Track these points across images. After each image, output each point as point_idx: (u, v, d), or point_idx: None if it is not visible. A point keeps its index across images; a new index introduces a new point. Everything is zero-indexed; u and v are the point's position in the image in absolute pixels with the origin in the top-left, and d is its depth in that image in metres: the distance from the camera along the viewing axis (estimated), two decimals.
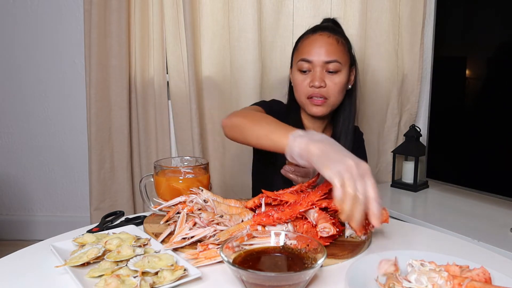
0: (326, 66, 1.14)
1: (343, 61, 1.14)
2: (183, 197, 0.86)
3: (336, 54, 1.13)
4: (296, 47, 1.22)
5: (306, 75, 1.16)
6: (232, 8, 1.84)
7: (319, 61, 1.13)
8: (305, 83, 1.15)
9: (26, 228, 2.31)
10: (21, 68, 2.18)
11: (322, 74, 1.14)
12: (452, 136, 1.61)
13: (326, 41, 1.14)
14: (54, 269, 0.67)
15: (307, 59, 1.14)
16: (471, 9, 1.54)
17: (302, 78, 1.16)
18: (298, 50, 1.19)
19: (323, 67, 1.14)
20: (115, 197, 2.00)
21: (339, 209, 0.65)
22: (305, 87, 1.16)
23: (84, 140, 2.09)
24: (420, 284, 0.56)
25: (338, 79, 1.14)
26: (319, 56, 1.13)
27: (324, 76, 1.14)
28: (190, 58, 1.81)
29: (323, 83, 1.13)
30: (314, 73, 1.14)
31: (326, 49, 1.13)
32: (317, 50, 1.13)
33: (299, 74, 1.17)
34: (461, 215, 1.47)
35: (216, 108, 1.94)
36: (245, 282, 0.58)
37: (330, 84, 1.14)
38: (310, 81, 1.14)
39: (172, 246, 0.74)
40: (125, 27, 1.86)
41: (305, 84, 1.15)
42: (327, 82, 1.14)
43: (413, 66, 1.85)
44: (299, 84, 1.17)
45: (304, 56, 1.15)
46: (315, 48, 1.13)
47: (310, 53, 1.14)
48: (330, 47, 1.13)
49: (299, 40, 1.22)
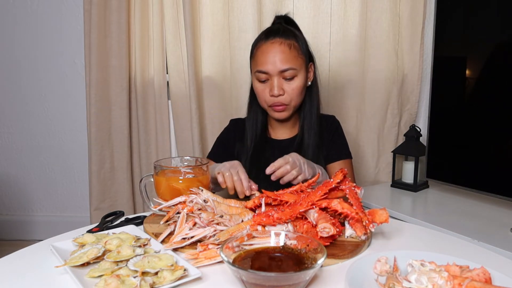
0: (282, 74, 1.17)
1: (298, 66, 1.18)
2: (183, 197, 0.86)
3: (290, 62, 1.17)
4: (252, 54, 1.25)
5: (265, 85, 1.20)
6: (232, 8, 1.84)
7: (275, 71, 1.17)
8: (265, 92, 1.20)
9: (26, 228, 2.31)
10: (21, 68, 2.18)
11: (280, 82, 1.18)
12: (452, 136, 1.61)
13: (278, 50, 1.17)
14: (54, 269, 0.67)
15: (263, 71, 1.18)
16: (471, 9, 1.54)
17: (262, 87, 1.21)
18: (254, 59, 1.23)
19: (279, 75, 1.17)
20: (115, 197, 2.00)
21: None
22: (266, 96, 1.20)
23: (84, 140, 2.09)
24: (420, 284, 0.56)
25: (295, 84, 1.19)
26: (274, 66, 1.17)
27: (282, 84, 1.18)
28: (190, 58, 1.81)
29: (281, 91, 1.18)
30: (271, 82, 1.18)
31: (280, 57, 1.16)
32: (271, 60, 1.16)
33: (258, 83, 1.22)
34: (461, 215, 1.47)
35: (216, 108, 1.93)
36: (245, 282, 0.58)
37: (288, 90, 1.18)
38: (269, 90, 1.18)
39: (172, 246, 0.74)
40: (125, 27, 1.86)
41: (266, 93, 1.20)
42: (286, 89, 1.18)
43: (413, 66, 1.85)
44: (260, 93, 1.22)
45: (259, 67, 1.19)
46: (270, 58, 1.17)
47: (265, 64, 1.17)
48: (283, 55, 1.16)
49: (253, 47, 1.24)
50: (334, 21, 1.84)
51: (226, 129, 1.39)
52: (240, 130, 1.31)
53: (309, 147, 1.23)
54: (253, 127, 1.29)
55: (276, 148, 1.27)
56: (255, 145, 1.26)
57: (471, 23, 1.55)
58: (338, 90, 1.88)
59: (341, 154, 1.29)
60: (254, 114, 1.30)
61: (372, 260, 0.65)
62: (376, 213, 0.76)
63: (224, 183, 0.98)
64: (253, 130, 1.29)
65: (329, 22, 1.84)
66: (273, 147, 1.28)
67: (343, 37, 1.84)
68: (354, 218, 0.76)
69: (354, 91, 1.88)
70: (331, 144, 1.29)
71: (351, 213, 0.76)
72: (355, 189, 0.83)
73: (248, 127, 1.29)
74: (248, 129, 1.29)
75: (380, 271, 0.63)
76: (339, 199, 0.79)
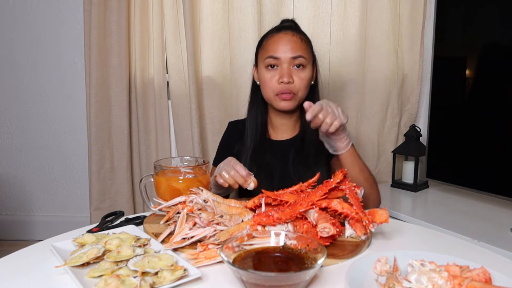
0: (292, 61, 1.18)
1: (307, 57, 1.20)
2: (183, 197, 0.86)
3: (301, 50, 1.19)
4: (261, 45, 1.26)
5: (274, 72, 1.20)
6: (232, 8, 1.84)
7: (286, 58, 1.18)
8: (273, 80, 1.20)
9: (26, 228, 2.31)
10: (21, 68, 2.18)
11: (290, 70, 1.19)
12: (452, 136, 1.61)
13: (291, 39, 1.19)
14: (54, 269, 0.67)
15: (275, 56, 1.19)
16: (471, 9, 1.54)
17: (271, 75, 1.20)
18: (264, 48, 1.23)
19: (290, 63, 1.18)
20: (115, 197, 2.00)
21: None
22: (274, 84, 1.20)
23: (84, 140, 2.09)
24: (420, 284, 0.56)
25: (304, 74, 1.20)
26: (285, 52, 1.18)
27: (292, 72, 1.19)
28: (190, 58, 1.81)
29: (291, 79, 1.18)
30: (282, 69, 1.19)
31: (291, 45, 1.18)
32: (283, 47, 1.18)
33: (267, 71, 1.21)
34: (461, 215, 1.47)
35: (216, 108, 1.93)
36: (245, 282, 0.58)
37: (297, 80, 1.19)
38: (279, 77, 1.19)
39: (172, 246, 0.74)
40: (125, 27, 1.86)
41: (274, 81, 1.20)
42: (295, 78, 1.19)
43: (413, 66, 1.85)
44: (268, 81, 1.21)
45: (271, 53, 1.19)
46: (281, 45, 1.18)
47: (277, 50, 1.18)
48: (295, 44, 1.19)
49: (263, 39, 1.26)
50: (334, 21, 1.84)
51: (226, 133, 1.39)
52: (240, 131, 1.31)
53: (312, 143, 1.23)
54: (253, 127, 1.29)
55: (276, 149, 1.27)
56: (255, 146, 1.26)
57: (471, 23, 1.55)
58: (338, 90, 1.88)
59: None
60: (254, 114, 1.30)
61: (372, 260, 0.65)
62: (376, 213, 0.76)
63: (225, 182, 0.99)
64: (253, 130, 1.28)
65: (329, 22, 1.84)
66: (273, 148, 1.28)
67: (343, 37, 1.84)
68: (354, 218, 0.76)
69: (354, 91, 1.88)
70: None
71: (351, 213, 0.76)
72: (355, 189, 0.83)
73: (248, 127, 1.29)
74: (248, 129, 1.29)
75: (380, 271, 0.63)
76: (339, 199, 0.79)
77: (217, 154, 1.37)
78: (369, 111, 1.88)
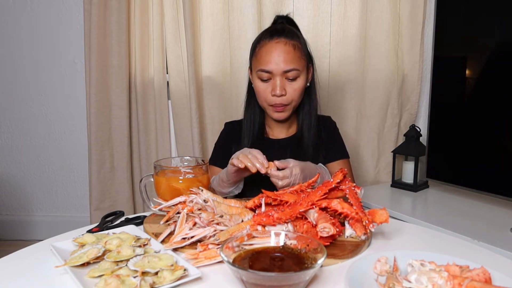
0: (285, 74, 1.17)
1: (301, 67, 1.18)
2: (183, 197, 0.86)
3: (294, 62, 1.16)
4: (254, 52, 1.23)
5: (267, 84, 1.20)
6: (232, 8, 1.84)
7: (279, 70, 1.16)
8: (266, 92, 1.19)
9: (26, 228, 2.31)
10: (21, 68, 2.18)
11: (282, 82, 1.17)
12: (452, 136, 1.61)
13: (283, 50, 1.16)
14: (54, 269, 0.67)
15: (267, 70, 1.17)
16: (471, 9, 1.54)
17: (264, 86, 1.20)
18: (256, 57, 1.21)
19: (282, 75, 1.17)
20: (115, 197, 2.00)
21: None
22: (267, 95, 1.20)
23: (84, 140, 2.09)
24: (420, 284, 0.56)
25: (297, 85, 1.19)
26: (278, 65, 1.16)
27: (284, 84, 1.18)
28: (190, 58, 1.81)
29: (283, 92, 1.17)
30: (274, 81, 1.17)
31: (284, 57, 1.16)
32: (276, 60, 1.16)
33: (260, 82, 1.21)
34: (461, 215, 1.47)
35: (216, 108, 1.94)
36: (245, 282, 0.58)
37: (290, 91, 1.18)
38: (272, 90, 1.18)
39: (172, 246, 0.74)
40: (125, 27, 1.86)
41: (267, 92, 1.19)
42: (287, 90, 1.18)
43: (413, 66, 1.85)
44: (261, 92, 1.21)
45: (263, 66, 1.18)
46: (274, 58, 1.16)
47: (269, 63, 1.17)
48: (288, 55, 1.16)
49: (256, 44, 1.23)
50: (334, 21, 1.84)
51: (223, 133, 1.39)
52: (236, 131, 1.31)
53: (309, 147, 1.23)
54: (251, 127, 1.29)
55: (274, 147, 1.27)
56: (252, 145, 1.26)
57: (471, 23, 1.55)
58: (338, 90, 1.88)
59: (339, 154, 1.30)
60: (251, 114, 1.30)
61: (372, 260, 0.65)
62: (376, 213, 0.76)
63: (240, 162, 0.98)
64: (251, 129, 1.28)
65: (329, 22, 1.84)
66: (271, 146, 1.28)
67: (343, 37, 1.84)
68: (354, 218, 0.76)
69: (354, 91, 1.88)
70: (330, 145, 1.29)
71: (351, 213, 0.76)
72: (355, 189, 0.83)
73: (246, 126, 1.29)
74: (245, 129, 1.29)
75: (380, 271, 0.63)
76: (339, 199, 0.79)
77: (214, 153, 1.36)
78: (369, 111, 1.88)
